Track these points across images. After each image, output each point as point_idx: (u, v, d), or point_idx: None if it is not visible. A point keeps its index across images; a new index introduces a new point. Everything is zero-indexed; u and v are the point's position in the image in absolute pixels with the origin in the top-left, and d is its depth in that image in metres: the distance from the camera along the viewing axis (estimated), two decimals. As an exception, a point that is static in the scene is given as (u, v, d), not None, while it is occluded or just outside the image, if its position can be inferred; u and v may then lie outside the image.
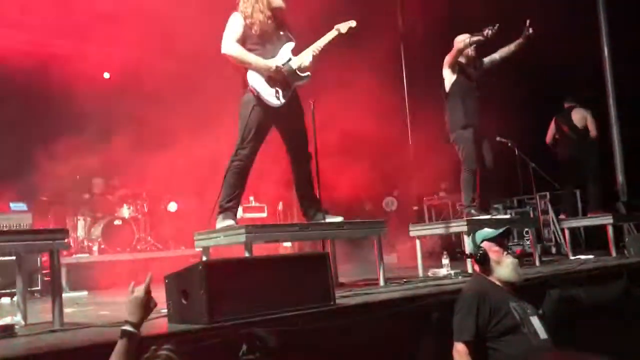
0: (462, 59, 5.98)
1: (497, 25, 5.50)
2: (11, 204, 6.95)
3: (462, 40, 5.77)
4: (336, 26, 4.58)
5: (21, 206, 6.95)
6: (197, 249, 4.53)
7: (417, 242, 5.72)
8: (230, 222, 4.25)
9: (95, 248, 7.90)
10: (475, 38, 5.68)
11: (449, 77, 6.01)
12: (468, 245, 4.66)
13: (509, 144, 7.02)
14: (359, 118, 8.51)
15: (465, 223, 5.26)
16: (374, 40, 8.85)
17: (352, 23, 4.57)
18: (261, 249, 7.87)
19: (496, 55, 6.17)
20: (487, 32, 5.51)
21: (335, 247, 5.25)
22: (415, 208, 10.16)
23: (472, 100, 5.91)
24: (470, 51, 5.94)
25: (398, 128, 10.59)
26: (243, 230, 3.89)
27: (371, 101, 8.66)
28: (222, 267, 2.93)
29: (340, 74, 7.54)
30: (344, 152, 9.10)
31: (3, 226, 6.15)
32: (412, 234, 5.73)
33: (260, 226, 4.10)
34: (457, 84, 5.96)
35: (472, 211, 5.86)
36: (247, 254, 3.88)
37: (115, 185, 8.68)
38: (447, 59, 5.97)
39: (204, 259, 4.32)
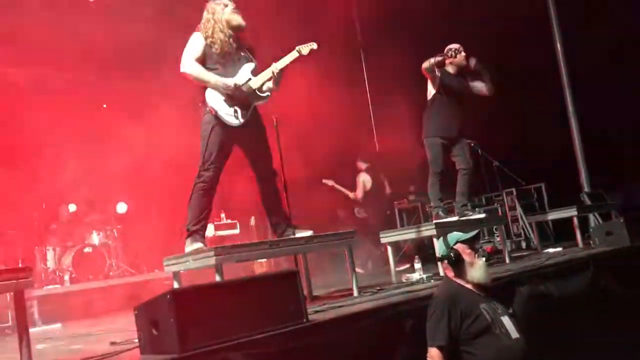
0: (450, 69, 6.16)
1: (460, 46, 6.01)
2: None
3: (427, 61, 5.94)
4: (297, 47, 4.58)
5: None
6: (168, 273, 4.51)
7: (389, 248, 5.78)
8: (199, 245, 4.23)
9: (66, 278, 7.77)
10: (439, 58, 5.94)
11: (429, 89, 6.25)
12: (439, 248, 4.72)
13: (472, 144, 7.13)
14: (325, 127, 8.56)
15: (434, 226, 5.31)
16: (334, 50, 8.94)
17: (314, 45, 4.58)
18: (235, 267, 7.88)
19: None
20: (450, 53, 5.96)
21: (307, 259, 5.27)
22: (387, 212, 10.23)
23: (448, 114, 6.11)
24: (463, 62, 6.12)
25: (364, 134, 10.71)
26: (212, 253, 3.88)
27: (335, 109, 8.73)
28: (190, 294, 2.92)
29: (302, 84, 7.59)
30: (312, 163, 9.15)
31: (-32, 264, 6.02)
32: (383, 240, 5.78)
33: (229, 247, 4.07)
34: (436, 97, 6.17)
35: (440, 213, 6.00)
36: (217, 277, 3.86)
37: (84, 211, 8.57)
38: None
39: (175, 283, 4.30)
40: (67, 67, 8.65)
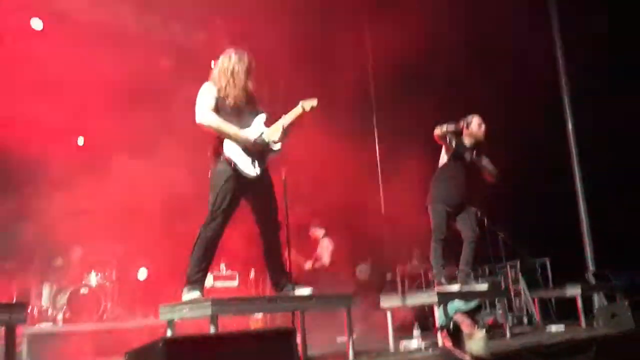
0: (467, 141, 6.21)
1: (471, 117, 6.12)
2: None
3: (439, 127, 5.99)
4: (301, 102, 4.67)
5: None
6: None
7: (388, 313, 5.68)
8: (197, 294, 4.18)
9: (59, 317, 7.64)
10: (451, 127, 5.99)
11: (442, 155, 6.30)
12: (439, 317, 4.64)
13: (478, 213, 7.11)
14: (331, 184, 8.59)
15: (435, 294, 5.24)
16: (346, 109, 9.09)
17: (314, 102, 4.66)
18: (232, 319, 7.77)
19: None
20: (462, 123, 6.06)
21: (304, 317, 5.18)
22: (389, 276, 10.13)
23: (457, 183, 6.15)
24: (480, 134, 6.19)
25: (371, 195, 10.72)
26: (209, 304, 3.83)
27: (343, 167, 8.78)
28: (183, 344, 2.85)
29: (311, 141, 7.67)
30: (317, 216, 9.16)
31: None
32: (382, 305, 5.69)
33: (226, 299, 4.03)
34: (447, 165, 6.23)
35: (443, 281, 5.93)
36: (212, 328, 3.80)
37: (83, 251, 8.52)
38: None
39: (169, 332, 4.22)
40: (80, 105, 8.82)
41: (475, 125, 6.17)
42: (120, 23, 8.96)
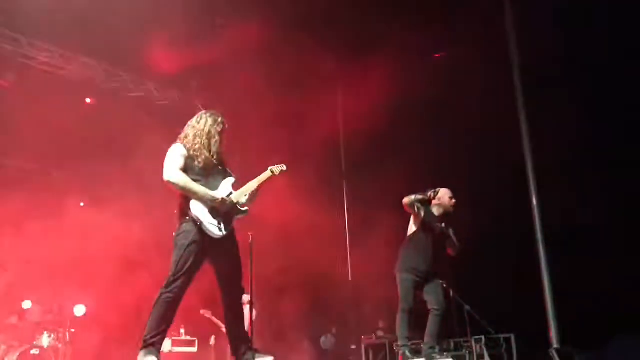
0: (436, 211, 6.27)
1: (439, 189, 6.21)
2: None
3: (408, 197, 6.09)
4: (270, 168, 4.71)
5: None
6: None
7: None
8: (153, 359, 4.00)
9: (6, 379, 7.25)
10: (420, 197, 6.08)
11: (411, 225, 6.33)
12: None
13: (444, 285, 7.08)
14: (299, 253, 8.51)
15: (399, 366, 5.13)
16: (316, 176, 9.14)
17: (284, 167, 4.72)
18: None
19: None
20: (430, 193, 6.13)
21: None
22: (353, 347, 9.93)
23: (425, 253, 6.16)
24: (450, 208, 6.28)
25: (338, 264, 10.64)
26: (164, 369, 3.67)
27: (311, 235, 8.73)
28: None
29: (280, 206, 7.65)
30: (282, 287, 9.00)
31: None
32: (346, 376, 5.55)
33: (183, 365, 3.88)
34: (416, 234, 6.25)
35: (407, 353, 5.84)
36: (166, 395, 3.62)
37: (39, 310, 8.19)
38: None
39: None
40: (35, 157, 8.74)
41: (446, 197, 6.25)
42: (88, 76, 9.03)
